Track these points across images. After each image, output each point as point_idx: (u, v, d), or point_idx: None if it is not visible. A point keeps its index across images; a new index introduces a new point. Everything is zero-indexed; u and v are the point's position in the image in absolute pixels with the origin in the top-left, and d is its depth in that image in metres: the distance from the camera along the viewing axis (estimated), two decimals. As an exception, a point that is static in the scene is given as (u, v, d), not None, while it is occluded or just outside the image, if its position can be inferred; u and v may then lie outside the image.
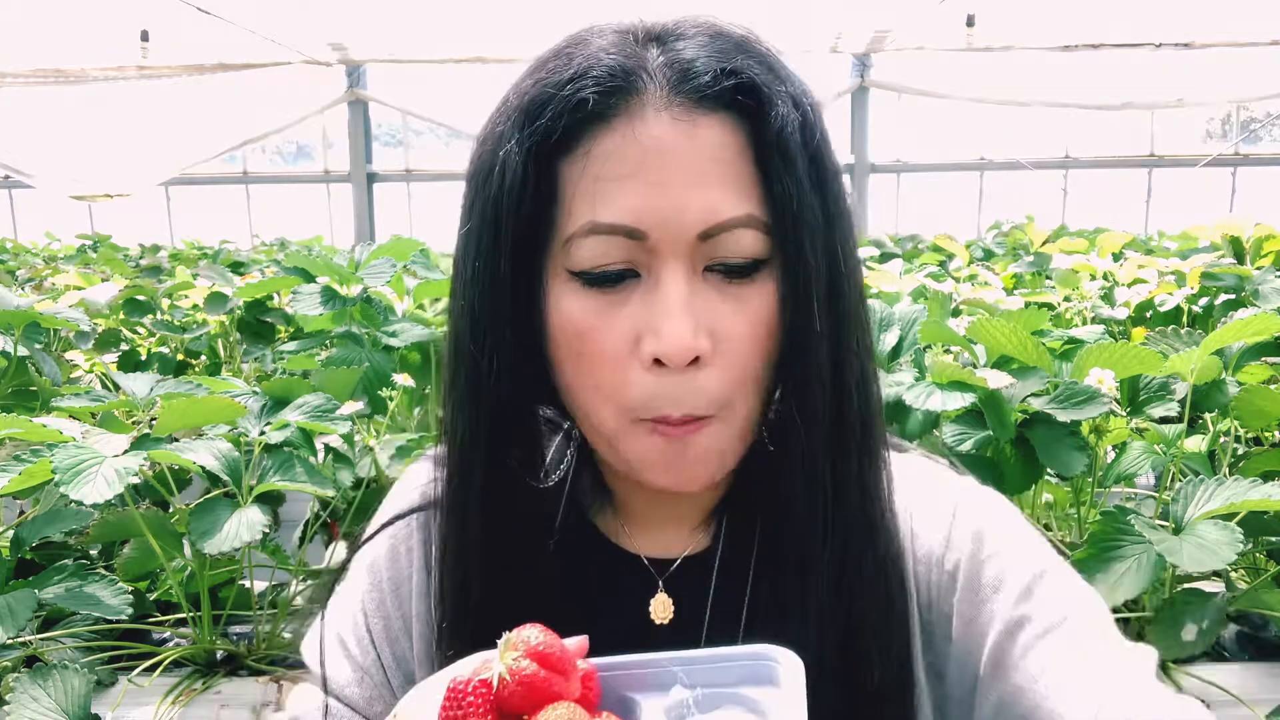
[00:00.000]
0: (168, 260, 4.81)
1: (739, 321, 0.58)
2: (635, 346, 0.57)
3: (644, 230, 0.56)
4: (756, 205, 0.57)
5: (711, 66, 0.57)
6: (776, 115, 0.57)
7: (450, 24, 8.45)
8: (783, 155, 0.57)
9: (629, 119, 0.56)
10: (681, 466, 0.60)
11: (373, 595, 0.71)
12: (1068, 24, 8.88)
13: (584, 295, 0.58)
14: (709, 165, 0.56)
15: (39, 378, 2.01)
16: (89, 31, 8.49)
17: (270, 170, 11.08)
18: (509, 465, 0.63)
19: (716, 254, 0.57)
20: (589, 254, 0.57)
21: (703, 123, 0.56)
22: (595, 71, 0.57)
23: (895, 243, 4.97)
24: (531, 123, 0.57)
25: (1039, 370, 1.40)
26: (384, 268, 2.09)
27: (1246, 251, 2.80)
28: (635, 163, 0.56)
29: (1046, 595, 0.60)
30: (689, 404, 0.57)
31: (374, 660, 0.69)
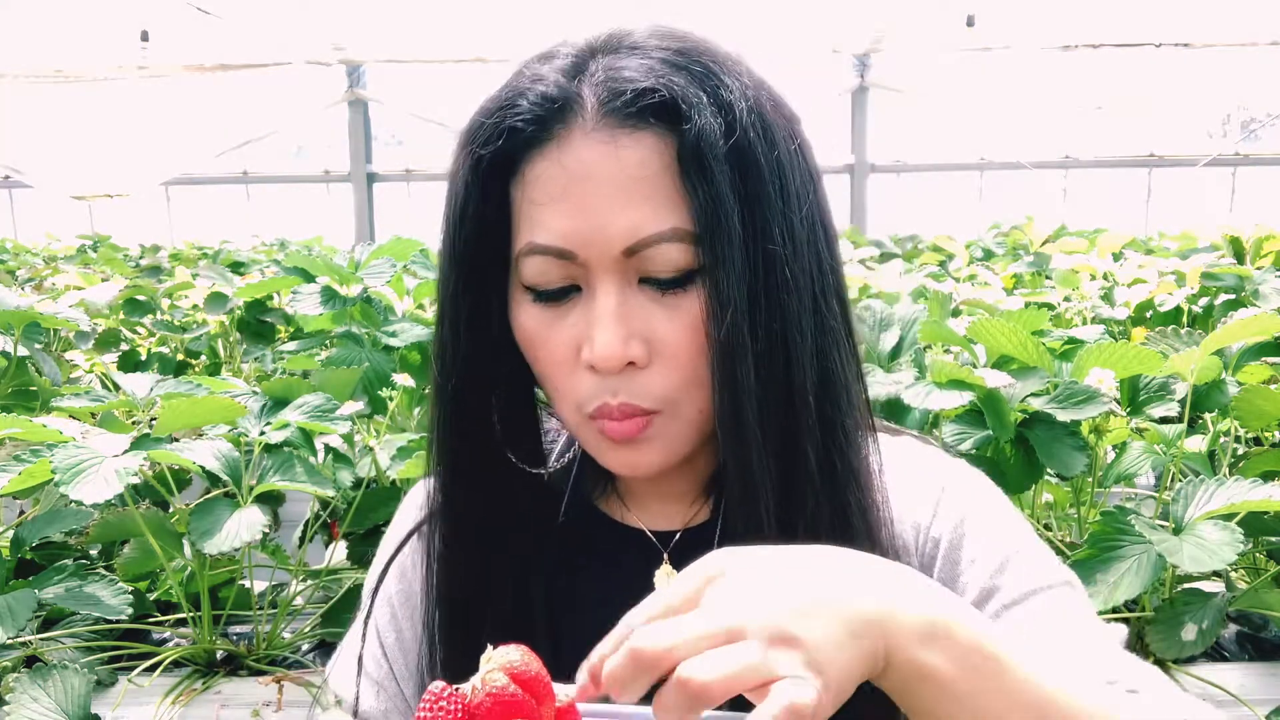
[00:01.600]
0: (168, 260, 4.81)
1: (674, 328, 0.61)
2: (576, 354, 0.62)
3: (572, 250, 0.60)
4: (682, 217, 0.59)
5: (636, 84, 0.59)
6: (693, 128, 0.59)
7: (450, 24, 8.44)
8: (699, 167, 0.58)
9: (559, 144, 0.60)
10: (631, 456, 0.64)
11: (384, 610, 0.75)
12: (1068, 24, 8.87)
13: (534, 309, 0.63)
14: (632, 184, 0.59)
15: (39, 378, 2.01)
16: (89, 31, 8.49)
17: (270, 170, 11.08)
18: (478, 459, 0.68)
19: (645, 268, 0.60)
20: (532, 271, 0.62)
21: (626, 142, 0.59)
22: (526, 100, 0.61)
23: (895, 243, 4.98)
24: (466, 148, 0.63)
25: (1039, 370, 1.40)
26: (384, 268, 2.09)
27: (1246, 251, 2.80)
28: (562, 187, 0.60)
29: (1019, 571, 0.64)
30: (625, 395, 0.61)
31: (387, 672, 0.73)
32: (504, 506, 0.69)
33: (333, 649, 1.69)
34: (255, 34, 8.34)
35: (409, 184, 10.69)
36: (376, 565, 0.78)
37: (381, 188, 10.66)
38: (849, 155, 10.19)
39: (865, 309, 1.51)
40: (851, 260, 3.20)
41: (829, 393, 0.64)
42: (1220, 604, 1.35)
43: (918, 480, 0.70)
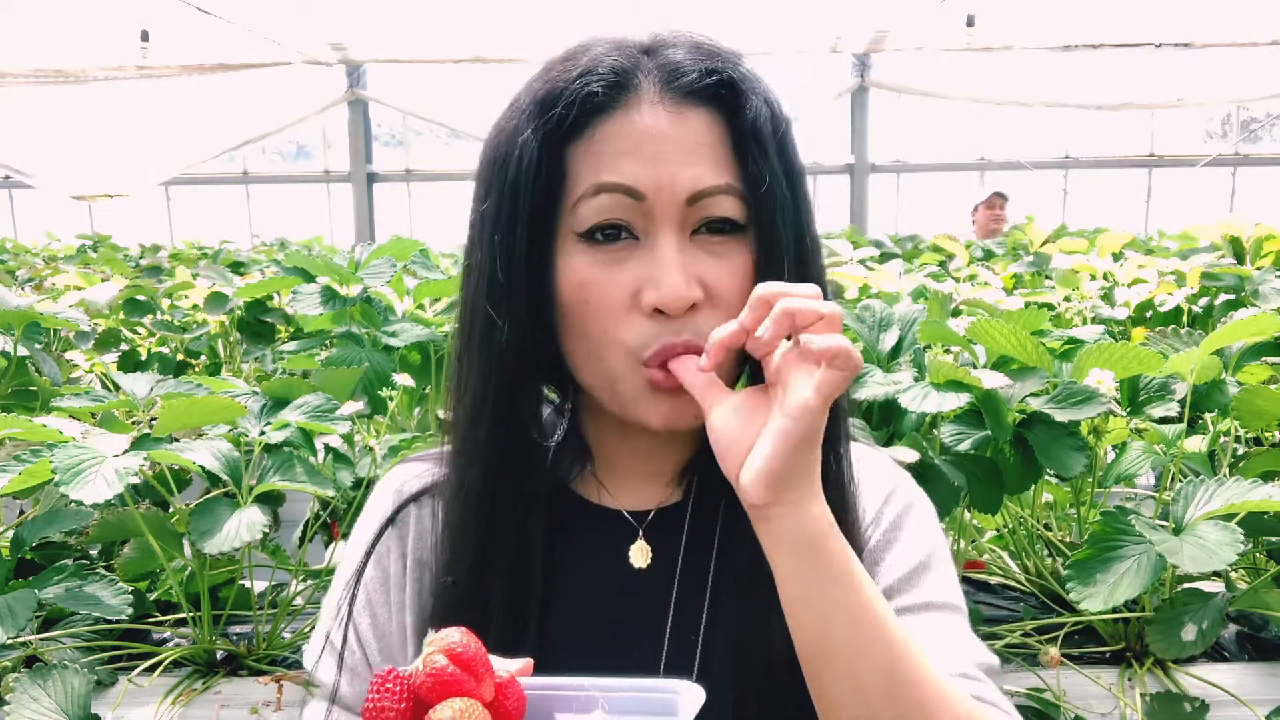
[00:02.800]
0: (168, 260, 4.81)
1: (724, 274, 0.69)
2: (636, 298, 0.68)
3: (642, 191, 0.67)
4: (734, 178, 0.69)
5: (697, 68, 0.69)
6: (751, 108, 0.69)
7: (450, 24, 8.44)
8: (756, 140, 0.69)
9: (627, 110, 0.68)
10: (677, 406, 0.69)
11: (361, 594, 0.79)
12: (1068, 24, 8.88)
13: (589, 253, 0.68)
14: (695, 146, 0.68)
15: (39, 378, 2.01)
16: (89, 31, 8.49)
17: (270, 170, 11.08)
18: (512, 420, 0.72)
19: (701, 217, 0.68)
20: (594, 211, 0.67)
21: (689, 114, 0.68)
22: (599, 70, 0.68)
23: (895, 243, 4.98)
24: (545, 113, 0.68)
25: (1038, 370, 1.40)
26: (384, 268, 2.09)
27: (1246, 251, 2.80)
28: (634, 142, 0.67)
29: (923, 584, 0.74)
30: (689, 333, 0.67)
31: (360, 658, 0.77)
32: (510, 483, 0.73)
33: (333, 649, 1.68)
34: (255, 34, 8.34)
35: (409, 184, 10.70)
36: (354, 552, 0.81)
37: (381, 188, 10.66)
38: (849, 155, 10.19)
39: (865, 309, 1.51)
40: (851, 260, 3.20)
41: None
42: (1220, 604, 1.35)
43: (870, 480, 0.79)
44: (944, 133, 10.35)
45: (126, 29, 8.53)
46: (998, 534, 1.78)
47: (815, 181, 10.47)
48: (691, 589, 0.75)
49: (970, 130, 10.16)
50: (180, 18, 7.63)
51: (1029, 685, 1.39)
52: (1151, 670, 1.42)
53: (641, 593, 0.75)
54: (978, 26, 8.81)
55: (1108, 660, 1.46)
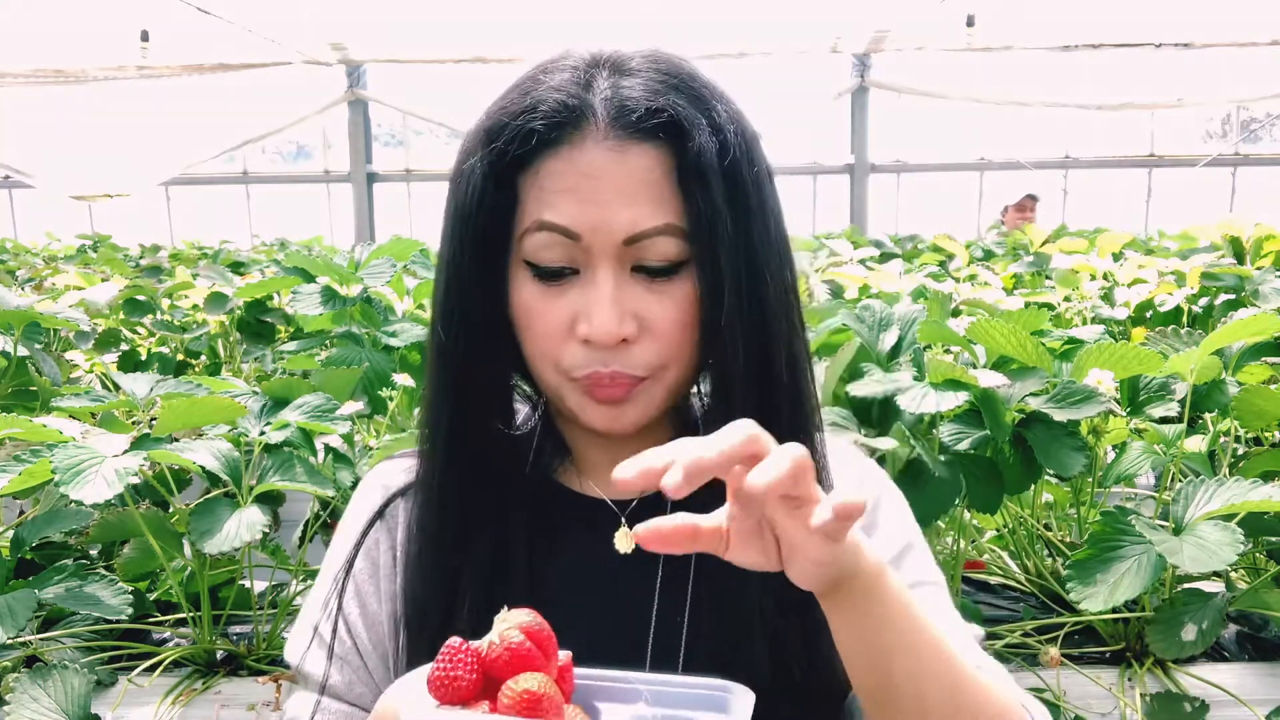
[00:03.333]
0: (168, 260, 4.81)
1: (664, 311, 0.71)
2: (571, 327, 0.71)
3: (578, 233, 0.69)
4: (676, 216, 0.69)
5: (644, 104, 0.69)
6: (694, 145, 0.69)
7: (450, 24, 8.45)
8: (698, 177, 0.69)
9: (571, 146, 0.69)
10: (614, 413, 0.73)
11: (350, 586, 0.80)
12: (1068, 24, 8.88)
13: (533, 284, 0.71)
14: (636, 185, 0.69)
15: (39, 378, 2.01)
16: (89, 31, 8.49)
17: (270, 170, 11.07)
18: (470, 422, 0.76)
19: (641, 257, 0.70)
20: (535, 245, 0.70)
21: (633, 151, 0.69)
22: (544, 107, 0.69)
23: (895, 243, 4.98)
24: (489, 144, 0.71)
25: (1038, 370, 1.40)
26: (384, 268, 2.09)
27: (1246, 251, 2.80)
28: (575, 181, 0.69)
29: (911, 563, 0.78)
30: (617, 365, 0.70)
31: (350, 647, 0.79)
32: (483, 475, 0.76)
33: (333, 649, 1.67)
34: (255, 34, 8.34)
35: (409, 184, 10.70)
36: (340, 547, 0.83)
37: (381, 188, 10.66)
38: (849, 155, 10.19)
39: (865, 309, 1.51)
40: (851, 260, 3.20)
41: (797, 374, 0.75)
42: (1220, 604, 1.35)
43: (840, 468, 0.82)
44: (944, 133, 10.36)
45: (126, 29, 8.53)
46: (998, 534, 1.78)
47: (815, 181, 10.47)
48: (675, 574, 0.77)
49: (970, 130, 10.16)
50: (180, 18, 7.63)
51: (1029, 685, 1.39)
52: (1151, 670, 1.42)
53: (627, 578, 0.78)
54: (978, 26, 8.81)
55: (1108, 660, 1.46)
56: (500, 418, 0.77)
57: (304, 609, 0.83)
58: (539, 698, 0.52)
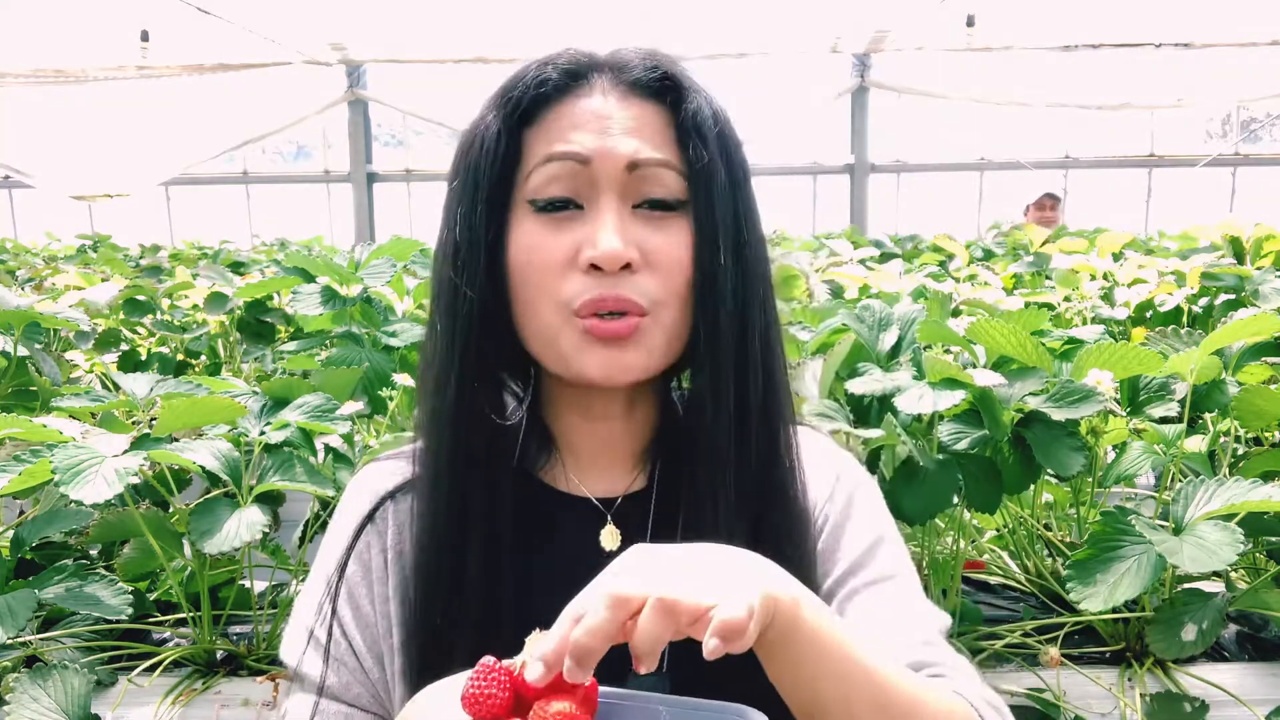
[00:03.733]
0: (168, 260, 4.81)
1: (663, 243, 0.74)
2: (575, 257, 0.73)
3: (587, 155, 0.73)
4: (675, 158, 0.74)
5: (643, 65, 0.76)
6: (692, 101, 0.75)
7: (450, 24, 8.45)
8: (696, 129, 0.74)
9: (578, 96, 0.75)
10: (615, 356, 0.74)
11: (342, 591, 0.81)
12: (1068, 24, 8.88)
13: (537, 220, 0.74)
14: (638, 124, 0.74)
15: (39, 378, 2.01)
16: (89, 31, 8.49)
17: (270, 170, 11.07)
18: (476, 392, 0.77)
19: (643, 189, 0.74)
20: (542, 180, 0.74)
21: (636, 102, 0.75)
22: (556, 63, 0.76)
23: (895, 243, 4.98)
24: (504, 98, 0.76)
25: (1038, 371, 1.40)
26: (384, 268, 2.09)
27: (1246, 251, 2.80)
28: (582, 119, 0.74)
29: (883, 555, 0.81)
30: (621, 290, 0.72)
31: (346, 649, 0.79)
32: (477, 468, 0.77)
33: (333, 649, 1.67)
34: (255, 34, 8.34)
35: (409, 184, 10.69)
36: (332, 550, 0.83)
37: (381, 188, 10.66)
38: (849, 155, 10.19)
39: (865, 308, 1.51)
40: (851, 260, 3.20)
41: (769, 345, 0.78)
42: (1220, 604, 1.35)
43: (818, 464, 0.84)
44: (944, 133, 10.35)
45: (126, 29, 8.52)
46: (998, 534, 1.78)
47: (815, 181, 10.47)
48: None
49: (970, 130, 10.16)
50: (180, 18, 7.63)
51: (1029, 685, 1.39)
52: (1151, 670, 1.42)
53: None
54: (978, 26, 8.81)
55: (1108, 660, 1.46)
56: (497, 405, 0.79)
57: (296, 611, 0.83)
58: (570, 718, 0.54)
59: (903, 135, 10.37)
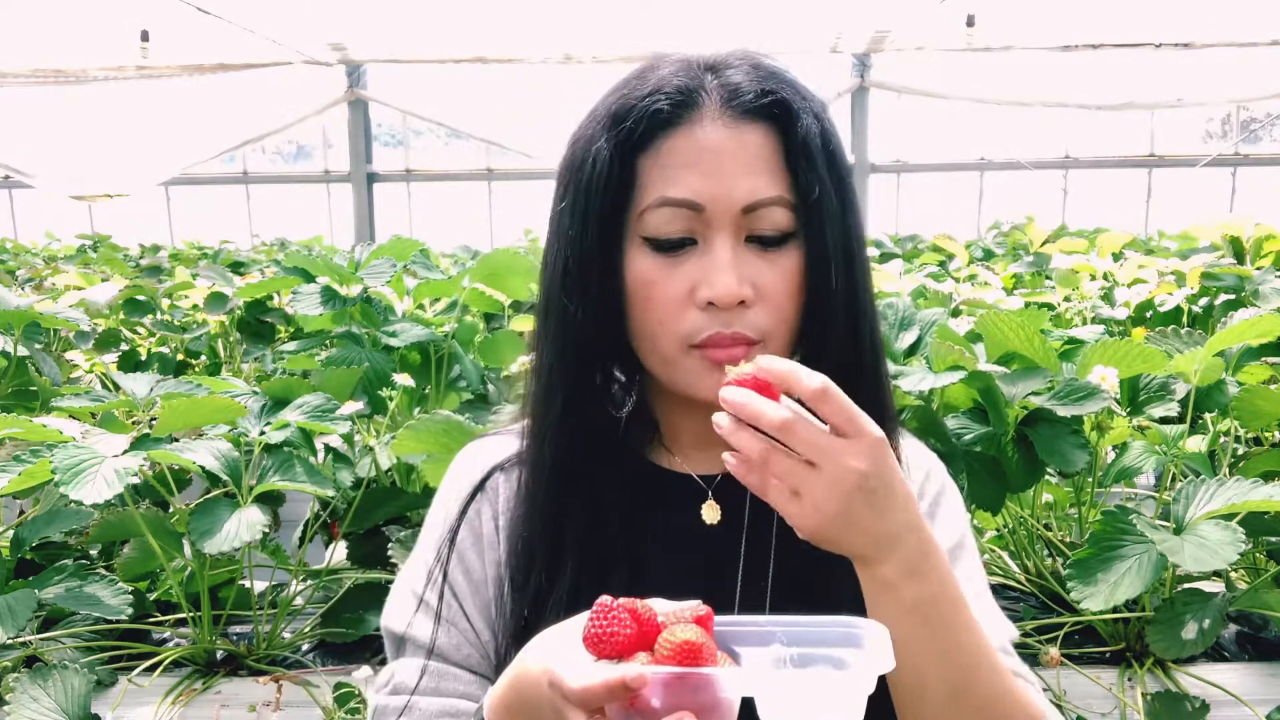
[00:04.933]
0: (168, 260, 4.81)
1: (775, 277, 0.76)
2: (691, 294, 0.76)
3: (701, 204, 0.75)
4: (787, 190, 0.76)
5: (754, 88, 0.77)
6: (802, 125, 0.76)
7: (450, 24, 8.44)
8: (806, 155, 0.76)
9: (690, 125, 0.76)
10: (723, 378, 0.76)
11: (454, 556, 0.85)
12: (1068, 24, 8.87)
13: (653, 256, 0.76)
14: (751, 159, 0.75)
15: (39, 378, 2.01)
16: (89, 31, 8.48)
17: (270, 170, 11.07)
18: (585, 392, 0.81)
19: (755, 227, 0.76)
20: (658, 221, 0.76)
21: (746, 129, 0.76)
22: (666, 89, 0.76)
23: (895, 243, 4.98)
24: (616, 126, 0.77)
25: (1040, 370, 1.40)
26: (384, 268, 2.09)
27: (1246, 251, 2.80)
28: (696, 157, 0.75)
29: (964, 560, 0.84)
30: (737, 325, 0.75)
31: (457, 610, 0.83)
32: (587, 451, 0.81)
33: (333, 649, 1.69)
34: (255, 34, 8.34)
35: (409, 184, 10.69)
36: (441, 516, 0.87)
37: (381, 188, 10.66)
38: (849, 155, 10.16)
39: (888, 307, 1.53)
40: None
41: (878, 350, 0.81)
42: (1220, 604, 1.35)
43: (912, 460, 0.87)
44: (944, 133, 10.35)
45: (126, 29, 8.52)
46: (998, 534, 1.78)
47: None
48: (759, 544, 0.82)
49: (970, 130, 10.15)
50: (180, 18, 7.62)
51: (1029, 685, 1.39)
52: (1152, 670, 1.42)
53: (713, 548, 0.82)
54: (978, 26, 8.80)
55: (1108, 660, 1.46)
56: (606, 397, 0.83)
57: (401, 578, 0.86)
58: (698, 647, 0.55)
59: (903, 135, 10.37)
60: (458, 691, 0.80)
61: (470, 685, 0.81)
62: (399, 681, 0.81)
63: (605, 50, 8.77)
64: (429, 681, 0.80)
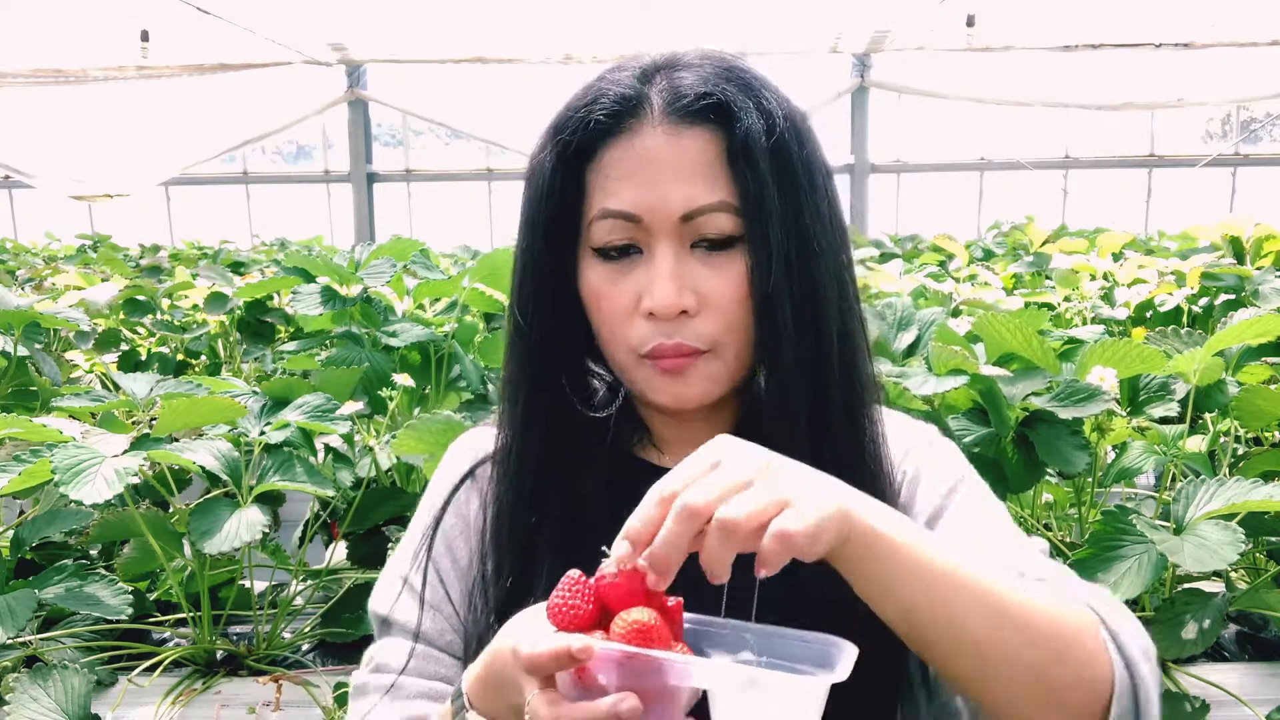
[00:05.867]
0: (168, 260, 4.81)
1: (720, 284, 0.75)
2: (636, 305, 0.76)
3: (639, 214, 0.74)
4: (729, 194, 0.74)
5: (694, 90, 0.75)
6: (741, 126, 0.74)
7: (450, 24, 8.44)
8: (746, 156, 0.74)
9: (630, 135, 0.75)
10: (679, 388, 0.77)
11: (441, 539, 0.85)
12: (1068, 24, 8.87)
13: (600, 266, 0.77)
14: (691, 166, 0.74)
15: (39, 378, 2.02)
16: (89, 31, 8.49)
17: (270, 170, 11.08)
18: (551, 400, 0.81)
19: (698, 233, 0.75)
20: (602, 232, 0.76)
21: (686, 134, 0.75)
22: (606, 98, 0.76)
23: (895, 243, 4.98)
24: (556, 138, 0.77)
25: (1041, 371, 1.41)
26: (384, 268, 2.09)
27: (1246, 251, 2.80)
28: (634, 167, 0.75)
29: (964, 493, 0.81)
30: (679, 336, 0.75)
31: (442, 596, 0.83)
32: (562, 450, 0.81)
33: (333, 649, 1.69)
34: (255, 34, 8.34)
35: (409, 184, 10.69)
36: (430, 504, 0.88)
37: (381, 188, 10.66)
38: (849, 155, 10.18)
39: (888, 306, 1.53)
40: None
41: (850, 349, 0.79)
42: (1220, 604, 1.35)
43: (899, 433, 0.86)
44: (944, 133, 10.35)
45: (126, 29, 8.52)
46: (998, 534, 1.78)
47: (815, 181, 10.43)
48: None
49: (970, 130, 10.15)
50: (180, 18, 7.63)
51: (1029, 685, 1.39)
52: (1152, 670, 1.42)
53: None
54: (978, 26, 8.80)
55: (1108, 660, 1.46)
56: (577, 397, 0.82)
57: (390, 564, 0.87)
58: (649, 628, 0.55)
59: (903, 135, 10.37)
60: (440, 674, 0.81)
61: (452, 669, 0.81)
62: (382, 661, 0.82)
63: (605, 50, 8.77)
64: (415, 663, 0.81)
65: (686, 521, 0.57)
